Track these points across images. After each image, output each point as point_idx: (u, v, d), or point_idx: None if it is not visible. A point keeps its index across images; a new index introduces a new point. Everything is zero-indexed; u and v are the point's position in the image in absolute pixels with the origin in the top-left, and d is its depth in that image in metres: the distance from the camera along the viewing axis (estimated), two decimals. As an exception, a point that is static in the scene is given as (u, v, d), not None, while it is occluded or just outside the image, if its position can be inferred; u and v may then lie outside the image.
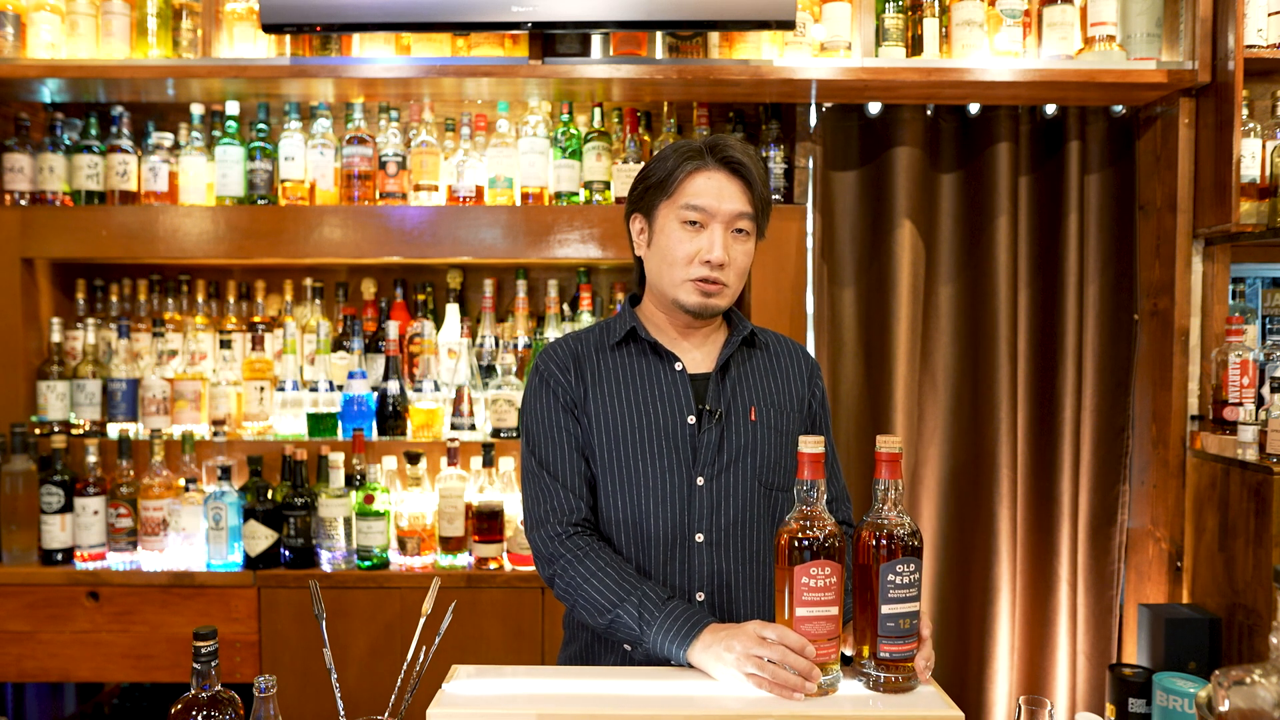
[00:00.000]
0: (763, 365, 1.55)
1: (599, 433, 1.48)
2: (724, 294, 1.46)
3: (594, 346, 1.54)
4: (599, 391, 1.49)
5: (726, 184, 1.44)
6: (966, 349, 2.61)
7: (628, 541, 1.47)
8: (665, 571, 1.46)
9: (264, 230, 2.48)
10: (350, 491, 2.42)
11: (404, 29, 2.34)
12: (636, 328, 1.51)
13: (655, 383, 1.50)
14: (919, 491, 2.61)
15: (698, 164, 1.45)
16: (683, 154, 1.46)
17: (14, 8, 2.41)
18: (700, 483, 1.46)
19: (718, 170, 1.45)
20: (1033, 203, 2.61)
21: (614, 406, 1.48)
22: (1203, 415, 2.43)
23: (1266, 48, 2.32)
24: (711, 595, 1.45)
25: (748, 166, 1.45)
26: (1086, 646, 2.62)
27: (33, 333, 2.56)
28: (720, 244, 1.43)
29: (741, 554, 1.47)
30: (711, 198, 1.44)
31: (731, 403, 1.49)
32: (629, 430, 1.47)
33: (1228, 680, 0.91)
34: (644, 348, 1.52)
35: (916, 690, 1.23)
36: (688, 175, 1.45)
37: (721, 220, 1.44)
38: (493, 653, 2.32)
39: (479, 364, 2.56)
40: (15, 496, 2.39)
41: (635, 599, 1.36)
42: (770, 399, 1.52)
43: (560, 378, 1.50)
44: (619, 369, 1.51)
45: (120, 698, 2.80)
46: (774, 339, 1.60)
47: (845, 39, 2.40)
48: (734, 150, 1.45)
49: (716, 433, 1.47)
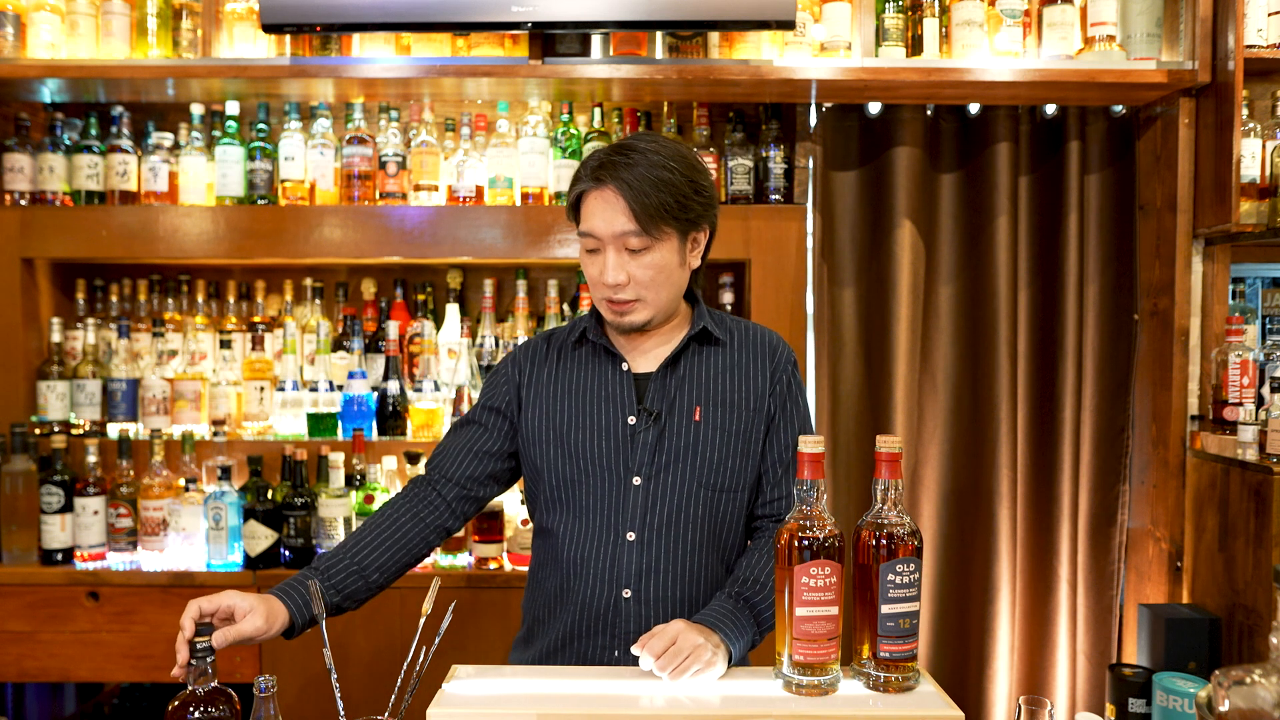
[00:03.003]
0: (718, 363, 1.52)
1: (543, 427, 1.51)
2: (636, 309, 1.44)
3: (558, 345, 1.57)
4: (549, 391, 1.53)
5: (613, 201, 1.39)
6: (966, 349, 2.61)
7: (564, 535, 1.50)
8: (595, 567, 1.47)
9: (264, 230, 2.48)
10: (350, 491, 2.42)
11: (404, 29, 2.34)
12: (588, 329, 1.53)
13: (602, 382, 1.51)
14: (919, 491, 2.61)
15: (584, 186, 1.43)
16: (577, 175, 1.45)
17: (14, 8, 2.41)
18: (637, 482, 1.46)
19: (603, 189, 1.40)
20: (1033, 203, 2.61)
21: (562, 404, 1.51)
22: (1203, 415, 2.43)
23: (1266, 48, 2.32)
24: (638, 592, 1.46)
25: (626, 182, 1.37)
26: (1086, 646, 2.62)
27: (33, 333, 2.56)
28: (612, 267, 1.41)
29: (671, 551, 1.46)
30: (598, 220, 1.41)
31: (675, 402, 1.48)
32: (571, 428, 1.49)
33: (1228, 680, 0.91)
34: (597, 348, 1.53)
35: (916, 690, 1.23)
36: (581, 198, 1.44)
37: (610, 242, 1.41)
38: (493, 653, 2.31)
39: (479, 364, 2.56)
40: (15, 496, 2.39)
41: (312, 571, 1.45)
42: (720, 397, 1.49)
43: (511, 374, 1.57)
44: (573, 367, 1.53)
45: (120, 698, 2.80)
46: (742, 333, 1.56)
47: (845, 39, 2.40)
48: (617, 165, 1.38)
49: (655, 433, 1.46)
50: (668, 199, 1.39)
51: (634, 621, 1.45)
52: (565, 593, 1.49)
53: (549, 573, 1.53)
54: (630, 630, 1.45)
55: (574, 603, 1.48)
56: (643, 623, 1.44)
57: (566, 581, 1.49)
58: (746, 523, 1.55)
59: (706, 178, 1.46)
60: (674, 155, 1.42)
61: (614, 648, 1.46)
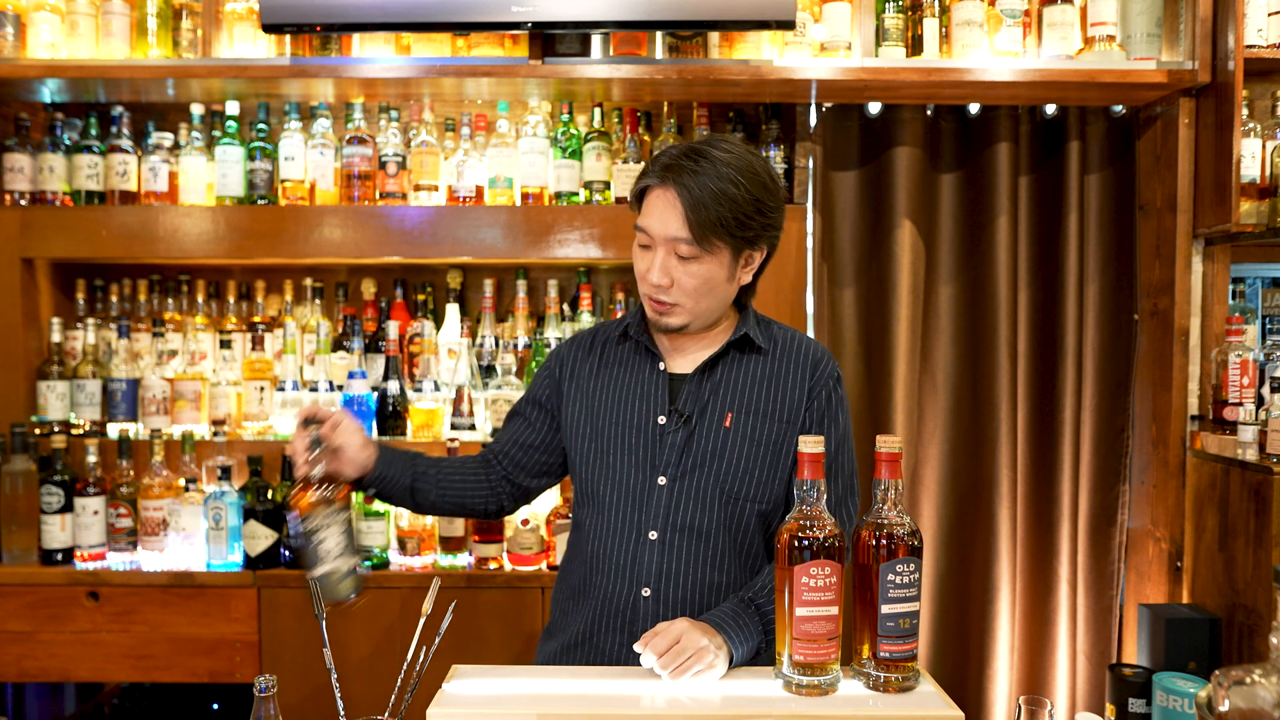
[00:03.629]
0: (757, 371, 1.50)
1: (580, 420, 1.53)
2: (675, 313, 1.44)
3: (604, 339, 1.59)
4: (590, 384, 1.55)
5: (674, 204, 1.38)
6: (966, 349, 2.61)
7: (591, 527, 1.52)
8: (617, 563, 1.48)
9: (264, 230, 2.48)
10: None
11: (404, 29, 2.34)
12: (630, 325, 1.54)
13: (638, 380, 1.52)
14: (919, 491, 2.61)
15: (650, 181, 1.43)
16: (647, 168, 1.44)
17: (14, 8, 2.41)
18: (662, 482, 1.47)
19: (667, 189, 1.39)
20: (1033, 203, 2.61)
21: (598, 398, 1.53)
22: (1203, 415, 2.43)
23: (1266, 48, 2.32)
24: (657, 592, 1.46)
25: (688, 189, 1.36)
26: (1086, 646, 2.62)
27: (33, 333, 2.56)
28: (659, 267, 1.41)
29: (692, 554, 1.46)
30: (654, 219, 1.41)
31: (708, 406, 1.48)
32: (604, 422, 1.51)
33: (1228, 680, 0.91)
34: (639, 345, 1.54)
35: (916, 690, 1.23)
36: (645, 192, 1.44)
37: (661, 243, 1.41)
38: (493, 653, 2.31)
39: (479, 364, 2.56)
40: (15, 496, 2.39)
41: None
42: (754, 406, 1.48)
43: (553, 369, 1.60)
44: (612, 363, 1.55)
45: (120, 698, 2.80)
46: (786, 342, 1.54)
47: (845, 39, 2.40)
48: (685, 170, 1.37)
49: (684, 434, 1.47)
50: (726, 214, 1.37)
51: (652, 621, 1.45)
52: (588, 587, 1.51)
53: (576, 566, 1.55)
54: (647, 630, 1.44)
55: (595, 597, 1.49)
56: (660, 621, 1.44)
57: (590, 576, 1.50)
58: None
59: (774, 198, 1.43)
60: (745, 170, 1.39)
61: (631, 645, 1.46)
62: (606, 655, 1.48)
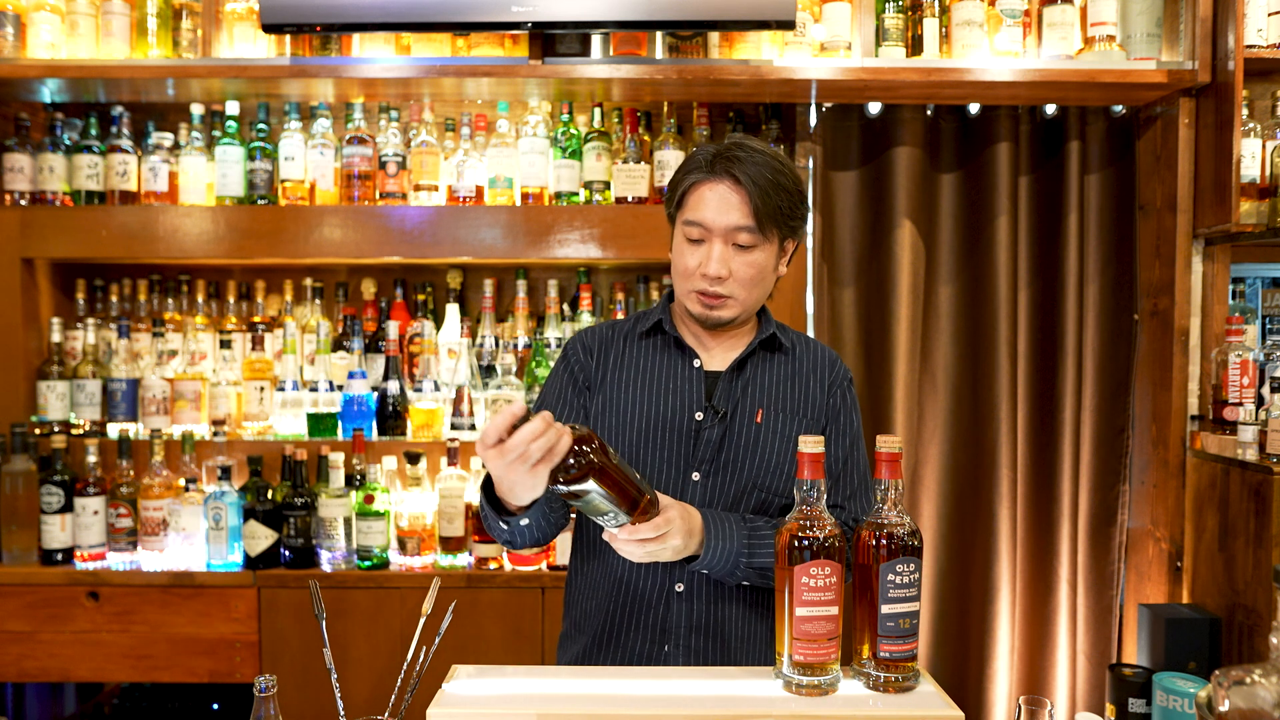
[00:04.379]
0: (782, 370, 1.54)
1: (610, 415, 1.51)
2: (728, 305, 1.47)
3: (624, 334, 1.58)
4: (617, 376, 1.53)
5: (729, 195, 1.42)
6: (966, 349, 2.61)
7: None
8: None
9: (264, 230, 2.48)
10: (350, 491, 2.42)
11: (404, 29, 2.34)
12: (663, 320, 1.54)
13: (672, 375, 1.52)
14: (919, 491, 2.61)
15: (700, 176, 1.45)
16: (689, 165, 1.47)
17: (14, 8, 2.41)
18: (696, 478, 1.48)
19: (720, 181, 1.43)
20: (1033, 203, 2.61)
21: (628, 392, 1.52)
22: (1203, 415, 2.43)
23: (1266, 48, 2.32)
24: (690, 588, 1.47)
25: (749, 178, 1.41)
26: (1086, 646, 2.62)
27: (33, 333, 2.56)
28: (717, 258, 1.43)
29: None
30: (711, 211, 1.43)
31: (740, 403, 1.50)
32: (637, 417, 1.50)
33: (1228, 680, 0.91)
34: (669, 340, 1.54)
35: (916, 690, 1.23)
36: (692, 187, 1.46)
37: (719, 234, 1.43)
38: (493, 653, 2.32)
39: (479, 364, 2.56)
40: (15, 496, 2.39)
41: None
42: (782, 404, 1.51)
43: (581, 358, 1.56)
44: (641, 357, 1.55)
45: (120, 698, 2.80)
46: (802, 344, 1.59)
47: (845, 39, 2.40)
48: (738, 161, 1.42)
49: (719, 431, 1.48)
50: (784, 203, 1.43)
51: (684, 617, 1.46)
52: (617, 582, 1.49)
53: (598, 563, 1.53)
54: (680, 625, 1.46)
55: (625, 594, 1.49)
56: (693, 618, 1.46)
57: (617, 572, 1.49)
58: None
59: (804, 191, 1.50)
60: (785, 163, 1.46)
61: (664, 643, 1.47)
62: (635, 655, 1.48)
